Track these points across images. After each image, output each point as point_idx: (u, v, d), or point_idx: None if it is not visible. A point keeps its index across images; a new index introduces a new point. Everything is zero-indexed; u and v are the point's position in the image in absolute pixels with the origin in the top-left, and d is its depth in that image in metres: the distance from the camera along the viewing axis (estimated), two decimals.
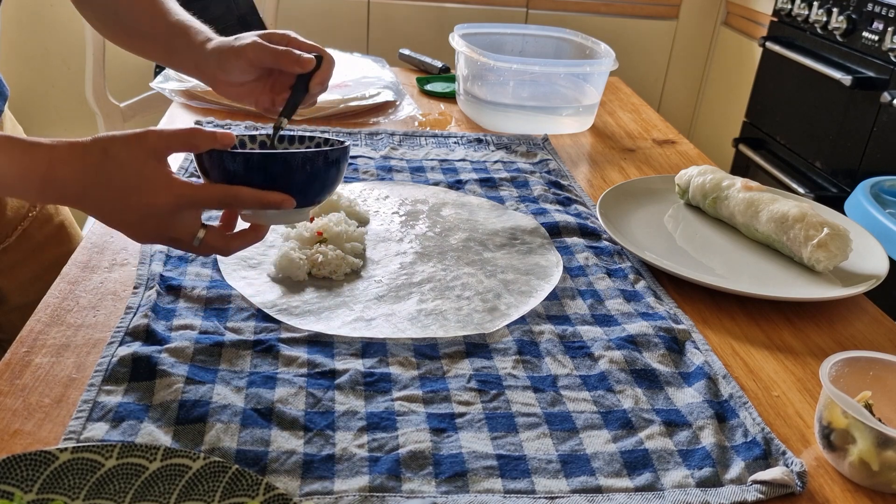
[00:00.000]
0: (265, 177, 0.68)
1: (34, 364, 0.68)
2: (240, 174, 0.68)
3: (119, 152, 0.64)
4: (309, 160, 0.69)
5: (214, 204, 0.68)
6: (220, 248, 0.70)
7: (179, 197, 0.65)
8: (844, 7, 2.06)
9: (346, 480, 0.58)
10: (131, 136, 0.65)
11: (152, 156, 0.65)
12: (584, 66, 1.43)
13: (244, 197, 0.67)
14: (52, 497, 0.51)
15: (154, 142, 0.65)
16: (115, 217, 0.67)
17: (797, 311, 0.87)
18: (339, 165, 0.72)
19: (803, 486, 0.61)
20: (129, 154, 0.64)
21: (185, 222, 0.67)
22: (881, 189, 1.31)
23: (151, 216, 0.66)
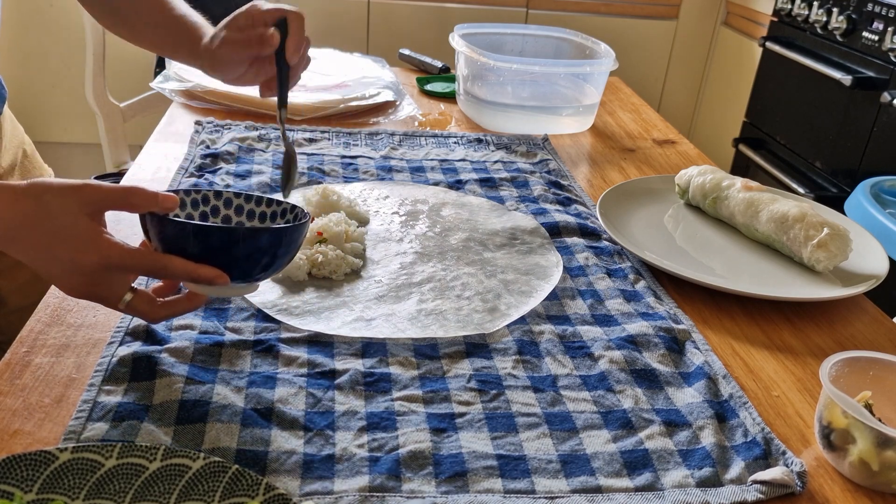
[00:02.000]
0: (202, 249, 0.62)
1: (34, 364, 0.68)
2: (176, 242, 0.63)
3: (51, 201, 0.61)
4: (253, 237, 0.63)
5: (142, 271, 0.64)
6: (146, 315, 0.66)
7: (107, 258, 0.61)
8: (844, 7, 2.06)
9: (346, 480, 0.58)
10: (67, 188, 0.62)
11: (86, 210, 0.61)
12: (584, 66, 1.43)
13: (174, 268, 0.63)
14: (52, 497, 0.51)
15: (89, 196, 0.62)
16: (41, 266, 0.63)
17: (797, 311, 0.87)
18: (289, 244, 0.66)
19: (803, 486, 0.61)
20: (61, 205, 0.61)
21: (112, 283, 0.63)
22: (881, 189, 1.31)
23: (77, 272, 0.62)
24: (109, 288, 0.64)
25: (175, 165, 1.09)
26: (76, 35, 2.61)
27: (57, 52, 2.72)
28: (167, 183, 1.03)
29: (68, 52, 2.71)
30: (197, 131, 1.20)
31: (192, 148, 1.14)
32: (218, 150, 1.13)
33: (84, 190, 0.62)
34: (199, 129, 1.21)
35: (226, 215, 0.73)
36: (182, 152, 1.13)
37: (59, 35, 2.70)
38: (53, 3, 2.66)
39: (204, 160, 1.10)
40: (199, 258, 0.63)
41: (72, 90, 2.74)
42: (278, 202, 0.74)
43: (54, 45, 2.71)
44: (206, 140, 1.17)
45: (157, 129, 1.23)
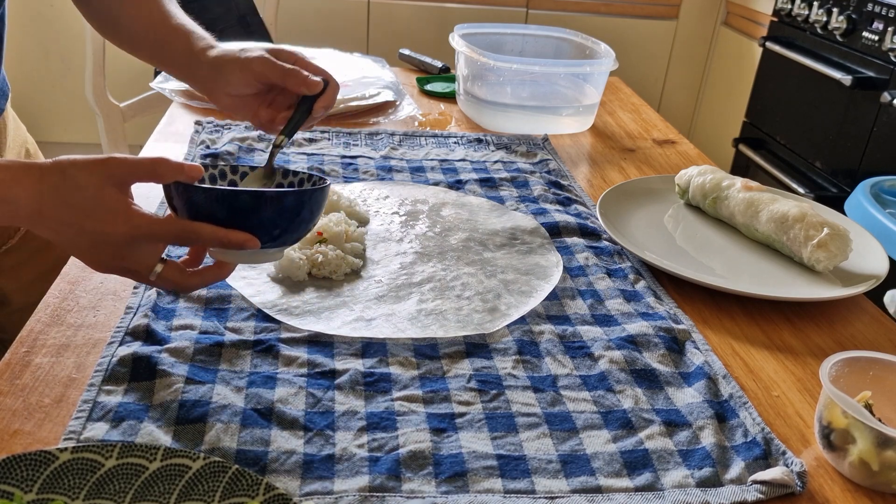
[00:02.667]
0: (230, 214, 0.63)
1: (34, 364, 0.68)
2: (203, 209, 0.64)
3: (77, 175, 0.61)
4: (278, 199, 0.65)
5: (172, 239, 0.64)
6: (178, 284, 0.67)
7: (136, 228, 0.62)
8: (844, 7, 2.06)
9: (346, 480, 0.58)
10: (92, 161, 0.62)
11: (112, 182, 0.62)
12: (584, 66, 1.43)
13: (204, 234, 0.63)
14: (52, 497, 0.51)
15: (115, 168, 0.62)
16: (69, 241, 0.63)
17: (797, 311, 0.87)
18: (313, 206, 0.67)
19: (803, 486, 0.61)
20: (88, 178, 0.61)
21: (141, 254, 0.64)
22: (881, 189, 1.31)
23: (106, 244, 0.62)
24: (139, 259, 0.64)
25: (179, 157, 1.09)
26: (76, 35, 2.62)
27: (57, 52, 2.72)
28: None
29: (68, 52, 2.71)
30: (197, 131, 1.20)
31: (192, 148, 1.14)
32: (218, 150, 1.13)
33: (109, 163, 0.62)
34: (199, 129, 1.21)
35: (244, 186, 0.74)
36: (182, 152, 1.13)
37: (59, 35, 2.70)
38: (53, 3, 2.66)
39: (204, 160, 1.10)
40: (228, 224, 0.63)
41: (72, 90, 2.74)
42: (294, 172, 0.75)
43: (54, 46, 2.71)
44: (206, 140, 1.17)
45: (157, 129, 1.23)
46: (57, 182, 0.61)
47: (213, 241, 0.64)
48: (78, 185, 0.61)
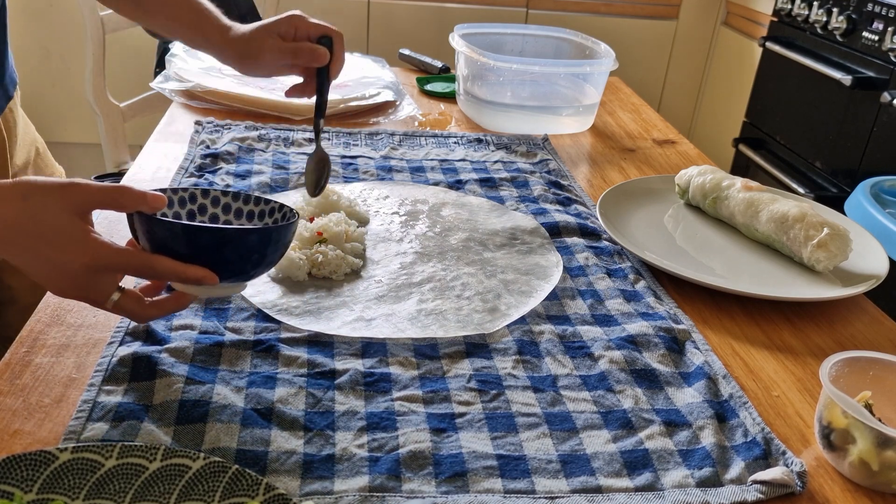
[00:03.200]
0: (190, 249, 0.62)
1: (34, 364, 0.68)
2: (164, 242, 0.63)
3: (38, 201, 0.60)
4: (240, 237, 0.63)
5: (130, 271, 0.63)
6: (134, 314, 0.66)
7: (95, 258, 0.61)
8: (844, 7, 2.06)
9: (346, 480, 0.58)
10: (54, 186, 0.60)
11: (73, 209, 0.60)
12: (584, 66, 1.43)
13: (162, 268, 0.62)
14: (52, 497, 0.51)
15: (77, 195, 0.61)
16: (30, 267, 0.62)
17: (797, 311, 0.87)
18: (278, 243, 0.66)
19: (803, 486, 0.61)
20: (47, 205, 0.60)
21: (99, 283, 0.63)
22: (881, 189, 1.30)
23: (65, 271, 0.61)
24: (97, 288, 0.63)
25: (175, 165, 1.09)
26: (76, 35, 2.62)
27: (57, 51, 2.72)
28: (167, 183, 1.03)
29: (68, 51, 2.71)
30: (197, 131, 1.20)
31: (192, 148, 1.14)
32: (218, 150, 1.13)
33: (70, 189, 0.60)
34: (199, 129, 1.21)
35: (213, 213, 0.73)
36: (182, 152, 1.13)
37: (59, 35, 2.70)
38: (53, 3, 2.66)
39: (204, 160, 1.10)
40: (188, 258, 0.62)
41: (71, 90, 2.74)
42: (266, 200, 0.74)
43: (54, 45, 2.71)
44: (206, 140, 1.17)
45: (157, 129, 1.23)
46: (18, 208, 0.59)
47: (171, 276, 0.63)
48: (37, 213, 0.60)
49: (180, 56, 1.46)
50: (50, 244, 0.60)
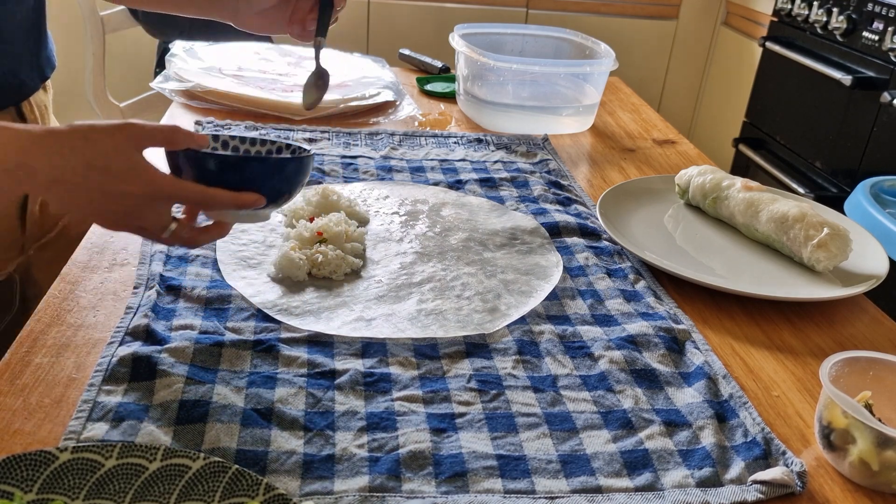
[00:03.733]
0: (239, 178, 0.68)
1: (34, 364, 0.68)
2: (213, 174, 0.68)
3: (100, 139, 0.63)
4: (281, 165, 0.70)
5: (191, 201, 0.68)
6: (189, 241, 0.71)
7: (158, 189, 0.65)
8: (844, 7, 2.06)
9: (346, 480, 0.58)
10: (115, 126, 0.64)
11: (134, 146, 0.64)
12: (584, 66, 1.43)
13: (221, 198, 0.68)
14: (52, 497, 0.51)
15: (135, 132, 0.65)
16: (87, 203, 0.65)
17: (797, 311, 0.87)
18: (306, 172, 0.73)
19: (803, 486, 0.61)
20: (110, 142, 0.64)
21: (157, 213, 0.67)
22: (881, 189, 1.30)
23: (126, 204, 0.65)
24: (154, 219, 0.68)
25: None
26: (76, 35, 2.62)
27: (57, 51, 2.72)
28: None
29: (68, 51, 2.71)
30: (197, 131, 1.20)
31: None
32: None
33: (130, 128, 0.65)
34: (199, 129, 1.21)
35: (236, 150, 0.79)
36: None
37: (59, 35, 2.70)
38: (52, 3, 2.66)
39: None
40: (236, 187, 0.68)
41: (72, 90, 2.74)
42: (272, 142, 0.79)
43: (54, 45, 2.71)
44: None
45: None
46: (80, 146, 0.63)
47: (228, 204, 0.68)
48: (102, 150, 0.63)
49: (180, 56, 1.46)
50: (116, 178, 0.64)
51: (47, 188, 0.64)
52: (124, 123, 0.65)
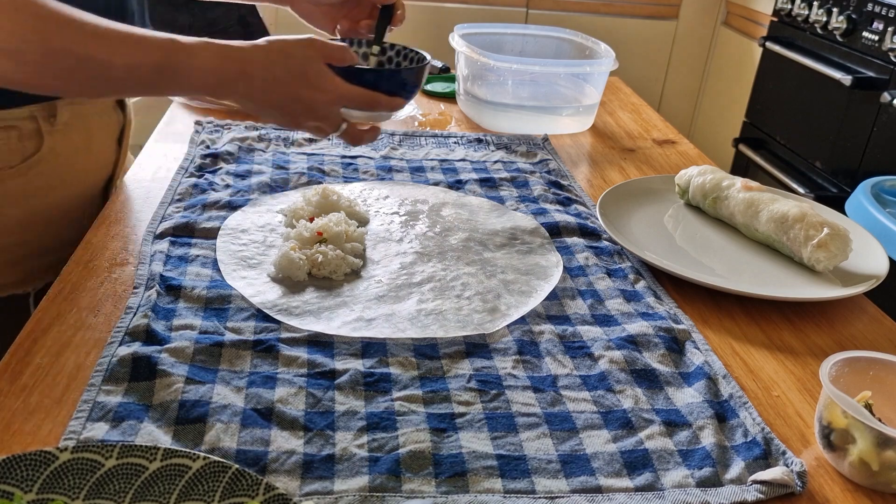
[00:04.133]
0: (387, 86, 0.86)
1: (34, 364, 0.68)
2: (370, 84, 0.85)
3: (297, 53, 0.79)
4: (414, 73, 0.91)
5: (359, 103, 0.84)
6: (355, 138, 0.88)
7: (339, 95, 0.82)
8: (844, 7, 2.06)
9: (346, 480, 0.58)
10: (304, 41, 0.80)
11: (321, 59, 0.80)
12: (584, 66, 1.43)
13: (381, 101, 0.85)
14: (52, 497, 0.51)
15: (322, 49, 0.81)
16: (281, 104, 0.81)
17: (797, 311, 0.87)
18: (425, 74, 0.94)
19: (803, 486, 0.61)
20: (304, 55, 0.80)
21: (334, 115, 0.84)
22: (881, 189, 1.31)
23: (312, 107, 0.81)
24: (332, 119, 0.84)
25: (175, 165, 1.09)
26: None
27: None
28: (167, 183, 1.03)
29: None
30: (197, 131, 1.20)
31: (192, 148, 1.14)
32: (218, 150, 1.13)
33: (318, 44, 0.81)
34: (198, 129, 1.21)
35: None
36: (182, 152, 1.13)
37: None
38: None
39: (204, 160, 1.10)
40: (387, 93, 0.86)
41: None
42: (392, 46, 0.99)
43: None
44: (206, 140, 1.17)
45: (157, 129, 1.23)
46: (282, 59, 0.79)
47: (386, 106, 0.86)
48: (299, 62, 0.79)
49: None
50: (309, 86, 0.80)
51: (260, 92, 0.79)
52: (315, 40, 0.81)
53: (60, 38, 0.70)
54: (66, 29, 0.70)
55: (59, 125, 0.90)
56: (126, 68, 0.73)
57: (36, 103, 0.87)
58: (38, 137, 0.88)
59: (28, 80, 0.73)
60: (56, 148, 0.90)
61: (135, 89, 0.81)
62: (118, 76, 0.74)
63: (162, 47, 0.75)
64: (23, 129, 0.87)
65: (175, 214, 0.94)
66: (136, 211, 0.95)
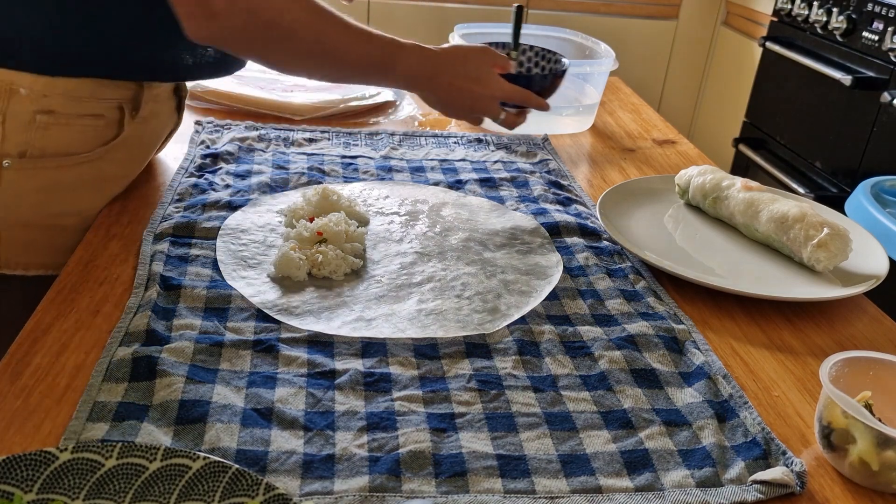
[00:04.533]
0: (538, 88, 1.09)
1: (34, 364, 0.68)
2: (524, 84, 1.07)
3: (474, 58, 1.03)
4: (556, 78, 1.13)
5: (515, 99, 1.06)
6: (510, 123, 1.10)
7: (502, 91, 1.04)
8: (844, 7, 2.06)
9: (346, 480, 0.58)
10: (479, 49, 1.04)
11: (489, 63, 1.03)
12: (584, 66, 1.43)
13: (532, 99, 1.08)
14: (52, 497, 0.51)
15: (490, 56, 1.04)
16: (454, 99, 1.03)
17: (797, 311, 0.87)
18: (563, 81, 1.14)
19: (803, 486, 0.61)
20: (479, 60, 1.03)
21: (496, 107, 1.06)
22: (881, 189, 1.31)
23: (480, 101, 1.04)
24: (493, 110, 1.07)
25: (175, 165, 1.09)
26: None
27: None
28: (167, 183, 1.03)
29: None
30: (197, 131, 1.20)
31: (192, 148, 1.14)
32: (218, 150, 1.13)
33: (489, 52, 1.04)
34: (199, 129, 1.21)
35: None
36: (182, 152, 1.13)
37: None
38: None
39: (204, 160, 1.10)
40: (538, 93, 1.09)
41: None
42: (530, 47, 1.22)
43: None
44: (206, 140, 1.17)
45: None
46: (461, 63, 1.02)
47: (536, 104, 1.09)
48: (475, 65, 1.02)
49: None
50: (480, 84, 1.03)
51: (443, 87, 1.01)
52: (484, 48, 1.04)
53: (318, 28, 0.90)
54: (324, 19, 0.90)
55: (138, 118, 0.95)
56: (359, 57, 0.94)
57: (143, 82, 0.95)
58: (119, 127, 0.94)
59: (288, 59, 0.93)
60: (130, 139, 0.95)
61: (354, 75, 1.01)
62: (351, 63, 0.95)
63: (388, 45, 0.96)
64: (109, 117, 0.92)
65: (175, 214, 0.94)
66: (136, 211, 0.95)
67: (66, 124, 0.88)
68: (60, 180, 0.90)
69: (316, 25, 0.90)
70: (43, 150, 0.88)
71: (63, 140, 0.89)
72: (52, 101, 0.87)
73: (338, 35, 0.91)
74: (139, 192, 1.00)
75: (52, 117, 0.87)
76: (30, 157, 0.87)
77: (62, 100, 0.87)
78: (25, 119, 0.86)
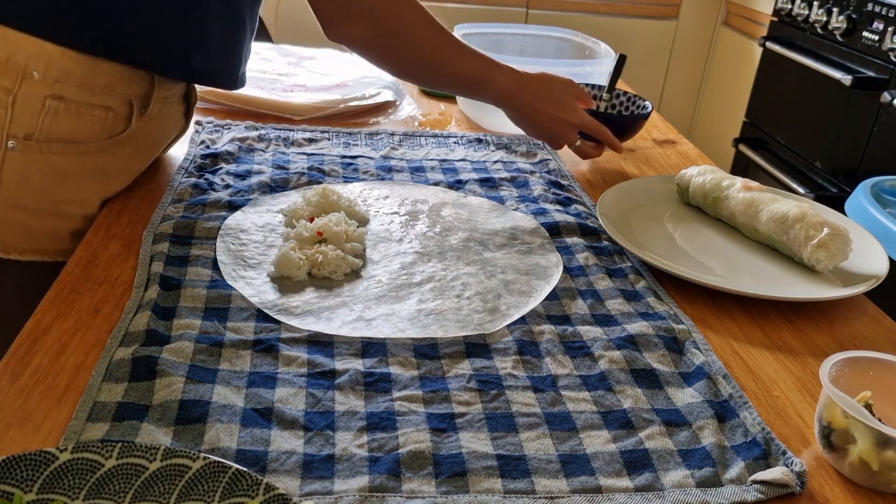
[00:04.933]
0: (614, 127, 1.16)
1: (34, 364, 0.68)
2: (601, 120, 1.15)
3: (558, 86, 1.13)
4: (633, 121, 1.20)
5: (591, 130, 1.14)
6: (587, 152, 1.18)
7: (580, 121, 1.13)
8: (844, 7, 2.06)
9: (346, 480, 0.58)
10: (566, 81, 1.14)
11: (572, 94, 1.14)
12: (584, 66, 1.43)
13: (606, 135, 1.15)
14: (51, 497, 0.51)
15: (571, 87, 1.14)
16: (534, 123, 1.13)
17: (797, 311, 0.87)
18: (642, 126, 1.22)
19: (803, 486, 0.61)
20: (563, 90, 1.13)
21: (573, 134, 1.15)
22: (881, 189, 1.31)
23: (559, 124, 1.13)
24: (571, 137, 1.15)
25: (175, 165, 1.09)
26: None
27: None
28: (167, 182, 1.03)
29: None
30: (197, 131, 1.20)
31: (192, 148, 1.14)
32: (218, 150, 1.13)
33: (571, 83, 1.15)
34: (199, 129, 1.21)
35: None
36: (182, 152, 1.13)
37: None
38: None
39: (204, 160, 1.10)
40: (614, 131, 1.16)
41: None
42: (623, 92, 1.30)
43: None
44: (206, 140, 1.17)
45: None
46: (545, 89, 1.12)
47: (608, 141, 1.16)
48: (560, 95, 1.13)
49: None
50: (560, 109, 1.12)
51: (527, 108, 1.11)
52: (570, 80, 1.14)
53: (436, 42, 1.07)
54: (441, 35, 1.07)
55: (146, 116, 0.96)
56: (464, 72, 1.09)
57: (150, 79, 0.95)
58: (127, 122, 0.94)
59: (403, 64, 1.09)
60: (136, 135, 0.96)
61: (454, 86, 1.16)
62: (456, 76, 1.10)
63: (488, 63, 1.09)
64: (118, 111, 0.93)
65: (175, 214, 0.94)
66: (137, 211, 0.95)
67: (76, 112, 0.89)
68: (64, 167, 0.91)
69: (435, 39, 1.06)
70: (49, 135, 0.88)
71: (70, 127, 0.89)
72: (64, 88, 0.87)
73: (450, 50, 1.07)
74: (139, 192, 1.00)
75: (62, 104, 0.88)
76: (35, 140, 0.88)
77: (75, 88, 0.88)
78: (36, 103, 0.86)
